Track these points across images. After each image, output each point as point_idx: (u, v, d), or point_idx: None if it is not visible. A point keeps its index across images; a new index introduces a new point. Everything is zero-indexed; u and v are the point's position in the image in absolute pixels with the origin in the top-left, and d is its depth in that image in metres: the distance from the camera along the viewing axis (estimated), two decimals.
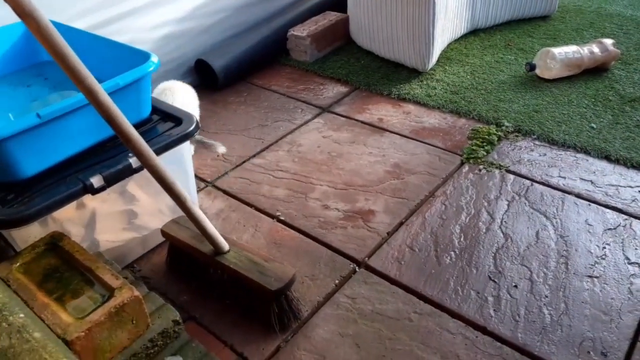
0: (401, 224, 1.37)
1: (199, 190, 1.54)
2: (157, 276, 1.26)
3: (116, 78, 1.10)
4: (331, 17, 2.29)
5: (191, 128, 1.22)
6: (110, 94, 1.08)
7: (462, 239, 1.31)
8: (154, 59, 1.20)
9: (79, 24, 1.64)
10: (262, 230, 1.37)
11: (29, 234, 1.04)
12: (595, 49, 1.97)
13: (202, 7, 1.98)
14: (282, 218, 1.41)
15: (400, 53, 2.07)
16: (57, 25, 1.38)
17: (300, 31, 2.17)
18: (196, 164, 1.64)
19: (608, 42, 1.99)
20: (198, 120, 1.25)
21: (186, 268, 1.21)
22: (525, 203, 1.41)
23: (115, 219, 1.27)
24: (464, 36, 2.33)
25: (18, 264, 0.97)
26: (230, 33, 2.12)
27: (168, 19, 1.89)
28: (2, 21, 1.38)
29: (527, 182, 1.49)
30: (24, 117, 0.98)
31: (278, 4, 2.27)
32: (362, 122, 1.83)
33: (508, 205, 1.41)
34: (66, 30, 1.38)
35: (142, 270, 1.27)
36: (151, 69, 1.17)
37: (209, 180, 1.59)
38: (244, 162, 1.67)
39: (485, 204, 1.42)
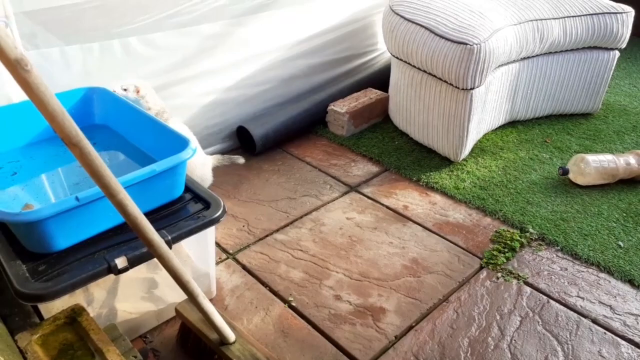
0: (411, 327, 1.38)
1: (220, 261, 1.59)
2: (166, 350, 1.30)
3: (153, 165, 1.18)
4: (372, 94, 2.36)
5: (218, 214, 1.28)
6: (147, 179, 1.18)
7: (468, 354, 1.31)
8: (192, 145, 1.28)
9: None
10: (272, 315, 1.41)
11: (54, 303, 1.12)
12: (632, 160, 1.95)
13: (249, 78, 2.09)
14: (293, 304, 1.44)
15: (434, 140, 2.11)
16: (118, 99, 1.51)
17: (340, 107, 2.25)
18: (221, 233, 1.71)
19: None
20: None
21: (194, 349, 1.26)
22: (538, 322, 1.40)
23: (137, 286, 1.34)
24: (502, 126, 2.35)
25: (38, 335, 1.04)
26: (272, 103, 2.22)
27: (217, 87, 2.01)
28: (61, 88, 1.50)
29: (544, 298, 1.48)
30: (64, 200, 1.06)
31: (321, 78, 2.37)
32: (387, 207, 1.87)
33: (520, 322, 1.40)
34: (122, 106, 1.50)
35: (154, 342, 1.32)
36: (188, 156, 1.25)
37: (230, 252, 1.64)
38: (266, 235, 1.72)
39: (498, 317, 1.41)
